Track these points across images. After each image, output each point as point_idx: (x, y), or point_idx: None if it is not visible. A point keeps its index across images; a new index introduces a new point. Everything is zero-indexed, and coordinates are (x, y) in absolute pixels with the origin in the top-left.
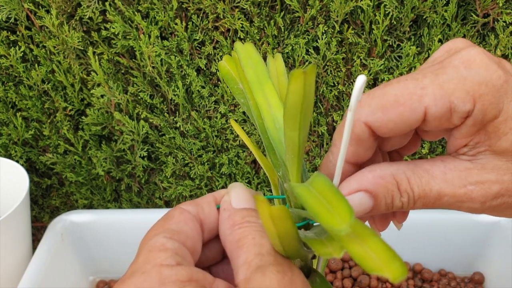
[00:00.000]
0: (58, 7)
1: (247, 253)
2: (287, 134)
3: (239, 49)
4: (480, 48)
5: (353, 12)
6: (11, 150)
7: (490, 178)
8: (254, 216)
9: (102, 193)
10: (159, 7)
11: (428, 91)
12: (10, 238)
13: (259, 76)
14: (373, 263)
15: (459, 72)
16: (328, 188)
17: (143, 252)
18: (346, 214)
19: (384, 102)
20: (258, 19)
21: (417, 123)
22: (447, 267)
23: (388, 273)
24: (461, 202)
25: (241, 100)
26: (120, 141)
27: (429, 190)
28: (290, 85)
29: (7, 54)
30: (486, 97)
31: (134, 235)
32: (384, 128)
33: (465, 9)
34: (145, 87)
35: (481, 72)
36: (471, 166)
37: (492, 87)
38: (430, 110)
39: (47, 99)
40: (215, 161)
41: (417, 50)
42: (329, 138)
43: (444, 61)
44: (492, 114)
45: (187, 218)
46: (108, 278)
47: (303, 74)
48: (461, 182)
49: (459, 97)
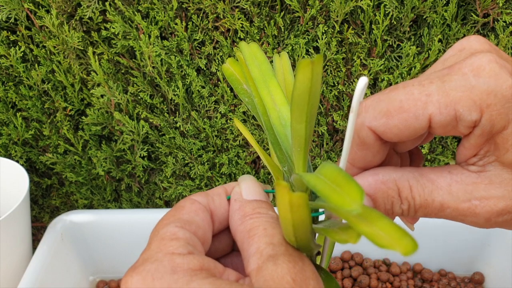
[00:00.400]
0: (58, 7)
1: (259, 243)
2: (294, 126)
3: (244, 49)
4: (493, 54)
5: (353, 12)
6: (11, 150)
7: (496, 194)
8: (265, 207)
9: (102, 193)
10: (159, 7)
11: (433, 99)
12: (10, 238)
13: (264, 74)
14: (384, 240)
15: (467, 80)
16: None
17: (155, 240)
18: (357, 194)
19: (389, 107)
20: (258, 19)
21: (422, 130)
22: (447, 267)
23: (399, 248)
24: (464, 216)
25: (246, 99)
26: (120, 141)
27: (432, 201)
28: (297, 74)
29: (7, 54)
30: (494, 108)
31: (134, 235)
32: (389, 133)
33: (465, 9)
34: (145, 87)
35: (490, 81)
36: (478, 180)
37: (501, 97)
38: (435, 118)
39: (47, 99)
40: (215, 161)
41: (417, 50)
42: (329, 138)
43: (453, 66)
44: (501, 124)
45: (198, 208)
46: (108, 278)
47: (311, 64)
48: (465, 196)
49: (465, 106)
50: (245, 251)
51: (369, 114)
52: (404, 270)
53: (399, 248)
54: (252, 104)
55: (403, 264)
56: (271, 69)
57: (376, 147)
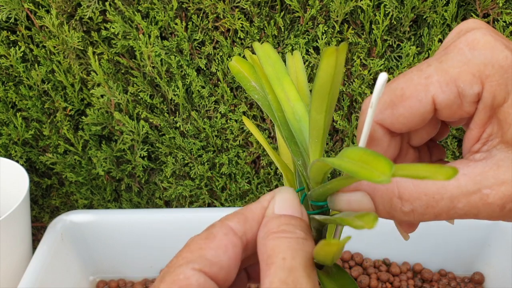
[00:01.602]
0: (58, 7)
1: (273, 277)
2: (313, 117)
3: (257, 49)
4: (488, 29)
5: (353, 12)
6: (11, 150)
7: (506, 178)
8: (293, 225)
9: (102, 193)
10: (159, 7)
11: (433, 80)
12: (10, 238)
13: (277, 72)
14: (425, 172)
15: (463, 55)
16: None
17: (166, 280)
18: (385, 166)
19: (392, 98)
20: (258, 19)
21: (428, 114)
22: (447, 267)
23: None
24: (476, 209)
25: (255, 96)
26: (120, 141)
27: (440, 199)
28: (321, 62)
29: (7, 54)
30: (493, 78)
31: (134, 235)
32: (397, 124)
33: (465, 9)
34: (145, 87)
35: (486, 52)
36: (486, 168)
37: (498, 67)
38: (438, 98)
39: (47, 99)
40: (215, 161)
41: (417, 50)
42: (329, 138)
43: (449, 46)
44: (502, 96)
45: (229, 243)
46: (108, 278)
47: (336, 51)
48: (475, 187)
49: (466, 81)
50: (261, 279)
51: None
52: (404, 270)
53: (440, 177)
54: (263, 100)
55: (403, 264)
56: (284, 67)
57: (385, 141)
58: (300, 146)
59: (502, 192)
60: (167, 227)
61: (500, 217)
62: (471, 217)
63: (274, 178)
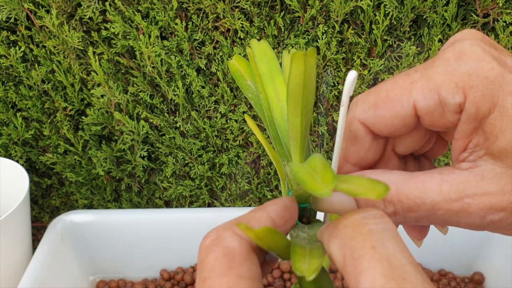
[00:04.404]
0: (58, 7)
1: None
2: (290, 120)
3: (254, 46)
4: (478, 40)
5: (353, 12)
6: (11, 150)
7: (489, 190)
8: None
9: (102, 193)
10: (159, 7)
11: (417, 85)
12: (10, 238)
13: (271, 71)
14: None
15: (449, 64)
16: (317, 161)
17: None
18: (329, 180)
19: (376, 99)
20: (258, 19)
21: (410, 118)
22: (447, 267)
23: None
24: (457, 217)
25: (249, 95)
26: (120, 141)
27: (422, 203)
28: (291, 67)
29: (7, 54)
30: (477, 89)
31: (134, 235)
32: (378, 125)
33: (465, 9)
34: (145, 87)
35: (471, 63)
36: (470, 178)
37: (483, 78)
38: (419, 104)
39: (47, 99)
40: (215, 161)
41: (417, 50)
42: (329, 138)
43: (438, 54)
44: (486, 107)
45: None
46: (108, 278)
47: (304, 56)
48: (457, 195)
49: (448, 90)
50: (348, 281)
51: (359, 108)
52: None
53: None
54: (255, 99)
55: None
56: (278, 66)
57: (367, 141)
58: (285, 147)
59: (483, 203)
60: (167, 227)
61: (480, 227)
62: (452, 224)
63: (274, 178)
